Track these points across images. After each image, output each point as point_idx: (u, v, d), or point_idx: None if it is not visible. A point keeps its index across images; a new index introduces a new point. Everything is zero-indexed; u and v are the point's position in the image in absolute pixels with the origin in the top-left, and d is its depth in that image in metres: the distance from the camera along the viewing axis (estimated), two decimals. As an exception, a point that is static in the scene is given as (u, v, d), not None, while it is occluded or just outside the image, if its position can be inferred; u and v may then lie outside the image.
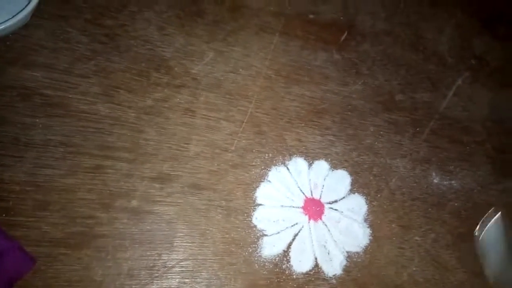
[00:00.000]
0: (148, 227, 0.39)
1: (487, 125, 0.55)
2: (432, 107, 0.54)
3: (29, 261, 0.35)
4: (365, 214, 0.45)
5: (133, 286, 0.37)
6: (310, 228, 0.43)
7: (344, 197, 0.46)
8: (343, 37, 0.53)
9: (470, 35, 0.61)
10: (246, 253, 0.41)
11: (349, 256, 0.43)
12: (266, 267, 0.41)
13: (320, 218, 0.44)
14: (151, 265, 0.38)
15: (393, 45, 0.55)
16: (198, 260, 0.39)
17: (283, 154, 0.45)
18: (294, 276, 0.41)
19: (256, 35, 0.49)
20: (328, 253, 0.43)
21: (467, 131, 0.54)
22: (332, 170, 0.46)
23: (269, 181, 0.44)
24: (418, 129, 0.52)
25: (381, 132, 0.50)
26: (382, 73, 0.53)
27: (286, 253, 0.42)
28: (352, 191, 0.46)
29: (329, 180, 0.46)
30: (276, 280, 0.41)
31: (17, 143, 0.38)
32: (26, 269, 0.35)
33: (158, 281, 0.38)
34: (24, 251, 0.35)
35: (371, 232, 0.45)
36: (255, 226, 0.42)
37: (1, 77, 0.39)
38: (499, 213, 0.49)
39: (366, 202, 0.46)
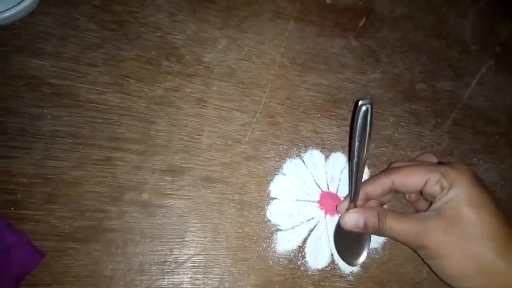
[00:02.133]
0: (159, 221, 0.38)
1: (512, 116, 0.53)
2: (455, 97, 0.51)
3: (38, 256, 0.34)
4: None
5: (144, 281, 0.36)
6: (326, 223, 0.42)
7: (361, 191, 0.44)
8: (361, 23, 0.51)
9: (494, 22, 0.58)
10: (260, 248, 0.39)
11: (367, 252, 0.42)
12: (280, 263, 0.39)
13: (337, 213, 0.42)
14: (162, 260, 0.37)
15: (413, 31, 0.53)
16: (211, 256, 0.38)
17: (298, 146, 0.44)
18: (310, 273, 0.40)
19: (270, 22, 0.47)
20: (345, 249, 0.41)
21: (491, 122, 0.52)
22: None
23: (283, 174, 0.42)
24: (439, 119, 0.49)
25: (401, 123, 0.48)
26: (402, 60, 0.51)
27: (301, 248, 0.40)
28: (370, 184, 0.44)
29: (346, 173, 0.44)
30: (291, 277, 0.39)
31: (24, 134, 0.37)
32: (34, 264, 0.34)
33: (170, 277, 0.37)
34: (32, 245, 0.34)
35: (390, 227, 0.43)
36: (269, 221, 0.40)
37: (7, 66, 0.38)
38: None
39: (384, 196, 0.44)
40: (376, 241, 0.42)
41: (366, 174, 0.44)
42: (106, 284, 0.35)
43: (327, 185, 0.43)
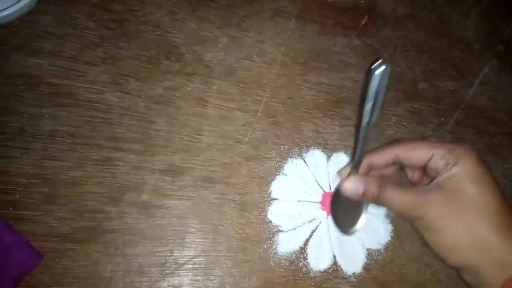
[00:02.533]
0: (158, 222, 0.37)
1: (515, 116, 0.53)
2: (458, 96, 0.51)
3: (36, 257, 0.34)
4: (387, 209, 0.43)
5: (144, 283, 0.36)
6: (328, 224, 0.41)
7: (364, 191, 0.43)
8: (363, 22, 0.50)
9: (496, 20, 0.57)
10: (261, 249, 0.39)
11: (370, 254, 0.41)
12: (282, 264, 0.39)
13: (339, 213, 0.42)
14: (162, 261, 0.37)
15: (416, 30, 0.52)
16: (211, 257, 0.38)
17: (299, 145, 0.43)
18: (312, 274, 0.39)
19: (271, 20, 0.47)
20: (347, 250, 0.41)
21: (493, 121, 0.51)
22: (352, 162, 0.44)
23: (285, 174, 0.42)
24: (442, 119, 0.49)
25: (403, 123, 0.47)
26: (404, 60, 0.50)
27: (303, 250, 0.40)
28: (372, 184, 0.44)
29: (348, 173, 0.43)
30: (292, 278, 0.39)
31: (23, 134, 0.36)
32: (33, 265, 0.34)
33: (170, 278, 0.36)
34: (31, 246, 0.34)
35: (392, 228, 0.42)
36: (270, 222, 0.40)
37: (6, 65, 0.38)
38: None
39: (387, 196, 0.44)
40: (378, 242, 0.42)
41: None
42: (105, 286, 0.35)
43: (329, 185, 0.43)
